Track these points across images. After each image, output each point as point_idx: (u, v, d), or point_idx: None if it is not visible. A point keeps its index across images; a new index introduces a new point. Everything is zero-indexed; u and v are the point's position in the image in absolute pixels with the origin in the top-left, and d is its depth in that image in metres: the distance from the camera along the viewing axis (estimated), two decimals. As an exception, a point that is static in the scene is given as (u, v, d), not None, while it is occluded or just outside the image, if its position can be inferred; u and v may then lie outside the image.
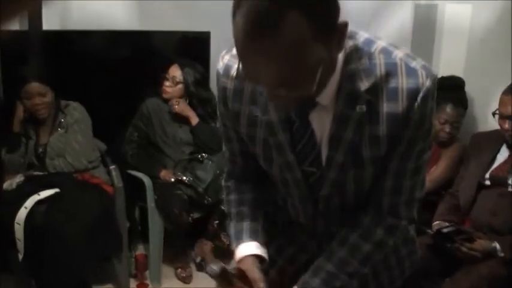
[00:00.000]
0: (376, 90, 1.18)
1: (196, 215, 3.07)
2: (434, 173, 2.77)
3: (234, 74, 1.28)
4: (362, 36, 1.21)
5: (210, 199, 3.04)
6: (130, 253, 3.13)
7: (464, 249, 2.20)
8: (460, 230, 2.29)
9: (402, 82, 1.17)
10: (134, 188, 3.13)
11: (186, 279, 3.17)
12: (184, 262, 3.27)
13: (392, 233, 1.34)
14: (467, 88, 2.96)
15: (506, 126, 2.38)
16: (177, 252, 3.28)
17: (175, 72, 3.18)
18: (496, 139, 2.51)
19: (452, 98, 2.80)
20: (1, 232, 2.62)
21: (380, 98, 1.19)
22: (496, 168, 2.46)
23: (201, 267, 3.28)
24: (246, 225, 1.41)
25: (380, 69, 1.18)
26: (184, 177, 3.10)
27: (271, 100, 1.23)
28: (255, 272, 1.33)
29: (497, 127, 2.47)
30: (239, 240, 1.40)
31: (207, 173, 3.07)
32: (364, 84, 1.17)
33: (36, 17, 2.96)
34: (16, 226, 2.61)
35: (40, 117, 2.85)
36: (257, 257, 1.38)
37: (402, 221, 1.34)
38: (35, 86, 2.79)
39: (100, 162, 3.07)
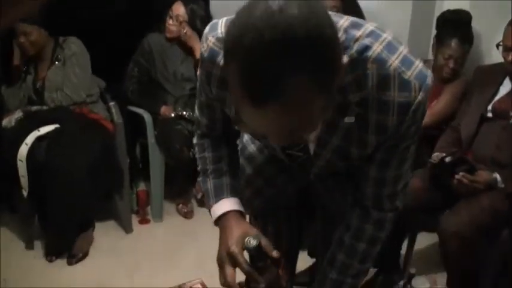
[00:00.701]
0: (366, 102, 1.14)
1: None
2: (435, 107, 2.73)
3: (221, 62, 1.19)
4: (363, 34, 1.12)
5: None
6: (132, 190, 3.15)
7: (465, 181, 2.21)
8: (463, 159, 2.28)
9: (394, 95, 1.12)
10: (134, 125, 3.13)
11: (188, 215, 3.21)
12: (186, 198, 3.30)
13: (381, 227, 1.38)
14: (473, 23, 2.89)
15: (510, 58, 2.35)
16: (179, 188, 3.31)
17: (179, 9, 3.10)
18: (499, 72, 2.48)
19: (458, 33, 2.74)
20: (5, 169, 2.63)
21: (370, 109, 1.15)
22: (498, 101, 2.43)
23: (202, 203, 3.31)
24: (225, 180, 1.39)
25: (372, 80, 1.11)
26: (185, 112, 3.08)
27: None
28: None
29: (502, 61, 2.44)
30: (219, 196, 1.38)
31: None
32: (355, 96, 1.13)
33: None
34: (19, 163, 2.62)
35: (29, 54, 2.88)
36: (240, 213, 1.38)
37: (388, 214, 1.38)
38: (20, 26, 2.80)
39: (99, 98, 3.05)
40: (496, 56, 2.57)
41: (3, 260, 2.61)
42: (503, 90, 2.45)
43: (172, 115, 3.10)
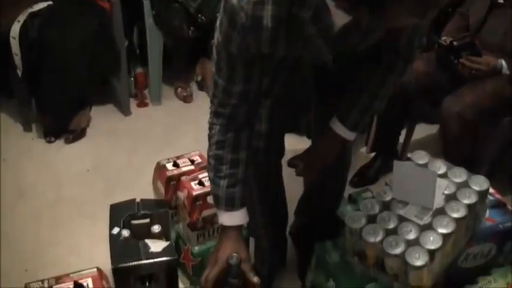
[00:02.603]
0: None
1: (194, 33, 2.99)
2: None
3: None
4: None
5: (203, 18, 2.92)
6: (130, 73, 3.10)
7: (468, 63, 2.17)
8: (471, 43, 2.23)
9: None
10: (132, 7, 3.01)
11: (187, 99, 3.18)
12: (185, 81, 3.25)
13: (409, 63, 1.43)
14: None
15: None
16: (177, 72, 3.26)
17: None
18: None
19: None
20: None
21: None
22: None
23: (201, 87, 3.28)
24: (238, 191, 1.36)
25: None
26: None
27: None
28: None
29: None
30: (230, 206, 1.37)
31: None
32: None
33: None
34: (11, 40, 2.57)
35: None
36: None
37: (415, 51, 1.41)
38: None
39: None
40: None
41: (2, 142, 2.62)
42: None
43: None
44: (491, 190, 1.58)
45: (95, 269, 1.37)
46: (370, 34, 1.24)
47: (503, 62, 2.21)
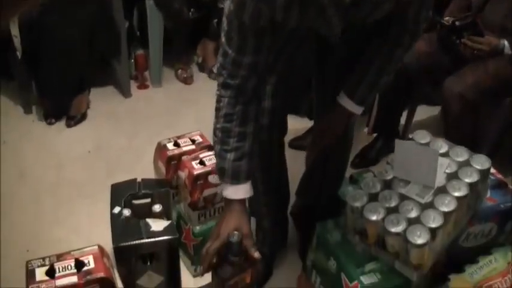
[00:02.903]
0: None
1: (195, 15, 2.97)
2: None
3: None
4: None
5: None
6: (130, 55, 3.08)
7: (470, 43, 2.16)
8: (474, 23, 2.21)
9: None
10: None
11: (187, 80, 3.17)
12: (185, 63, 3.24)
13: (415, 37, 1.43)
14: None
15: None
16: (178, 53, 3.24)
17: None
18: None
19: None
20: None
21: None
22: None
23: (202, 68, 3.26)
24: (244, 165, 1.36)
25: None
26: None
27: None
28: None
29: None
30: (236, 179, 1.36)
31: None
32: None
33: None
34: (11, 23, 2.53)
35: None
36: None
37: (421, 25, 1.40)
38: None
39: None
40: None
41: (2, 124, 2.61)
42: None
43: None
44: (492, 170, 1.58)
45: (96, 247, 1.37)
46: (380, 5, 1.24)
47: (506, 42, 2.19)
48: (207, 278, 1.42)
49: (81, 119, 2.79)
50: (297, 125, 2.46)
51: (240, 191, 1.38)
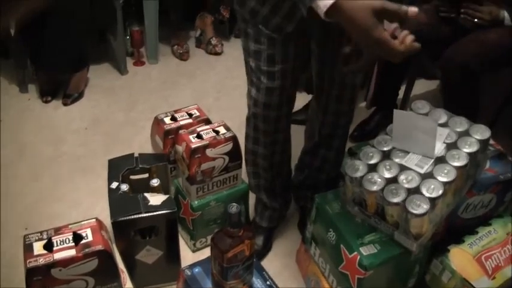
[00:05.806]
0: None
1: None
2: None
3: None
4: None
5: None
6: (126, 31, 3.05)
7: (470, 11, 2.14)
8: None
9: None
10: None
11: (183, 56, 3.14)
12: (181, 39, 3.21)
13: None
14: None
15: None
16: (174, 29, 3.21)
17: None
18: None
19: None
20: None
21: None
22: None
23: (199, 43, 3.23)
24: None
25: None
26: None
27: None
28: None
29: None
30: None
31: None
32: None
33: None
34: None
35: None
36: None
37: None
38: None
39: None
40: None
41: (-2, 103, 2.61)
42: None
43: None
44: (492, 141, 1.57)
45: (94, 220, 1.36)
46: None
47: (506, 13, 2.15)
48: (206, 252, 1.41)
49: (78, 98, 2.77)
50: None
51: None
